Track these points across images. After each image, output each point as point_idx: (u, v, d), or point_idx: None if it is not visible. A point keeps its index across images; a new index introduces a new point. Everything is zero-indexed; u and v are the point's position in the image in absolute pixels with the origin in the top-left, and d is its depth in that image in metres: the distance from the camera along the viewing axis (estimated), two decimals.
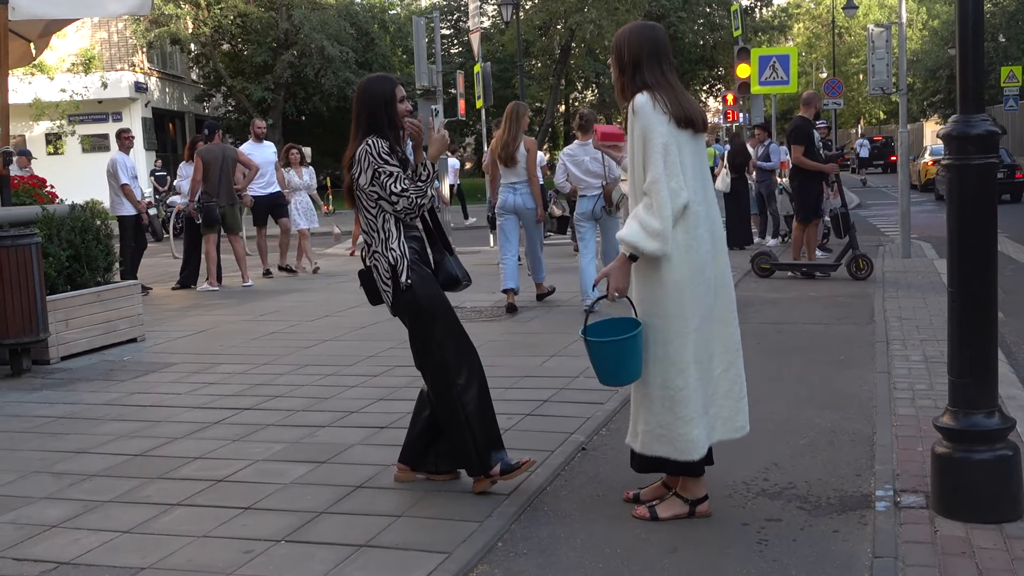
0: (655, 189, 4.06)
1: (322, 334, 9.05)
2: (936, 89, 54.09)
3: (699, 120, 4.22)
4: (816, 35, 71.88)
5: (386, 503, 4.55)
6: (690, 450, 4.17)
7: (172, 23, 34.14)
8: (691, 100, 4.26)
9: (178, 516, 4.48)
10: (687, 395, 4.16)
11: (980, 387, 4.15)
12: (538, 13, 39.41)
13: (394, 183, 4.44)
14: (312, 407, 6.37)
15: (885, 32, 14.77)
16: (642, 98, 4.16)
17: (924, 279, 11.51)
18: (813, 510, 4.36)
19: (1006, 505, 4.11)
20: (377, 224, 4.54)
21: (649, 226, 4.05)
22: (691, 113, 4.18)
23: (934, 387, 6.32)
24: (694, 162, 4.19)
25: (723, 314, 4.34)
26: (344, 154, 4.66)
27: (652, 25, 4.44)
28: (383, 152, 4.47)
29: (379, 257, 4.54)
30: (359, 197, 4.56)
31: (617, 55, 4.33)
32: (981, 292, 4.16)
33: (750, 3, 46.46)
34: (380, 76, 4.78)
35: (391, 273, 4.51)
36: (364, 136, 4.54)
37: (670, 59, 4.33)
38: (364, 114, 4.57)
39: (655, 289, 4.19)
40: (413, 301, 4.54)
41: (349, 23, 38.52)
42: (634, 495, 4.54)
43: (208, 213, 12.77)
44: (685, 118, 4.15)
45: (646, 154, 4.12)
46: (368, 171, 4.46)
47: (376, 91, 4.60)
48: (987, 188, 4.16)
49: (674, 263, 4.13)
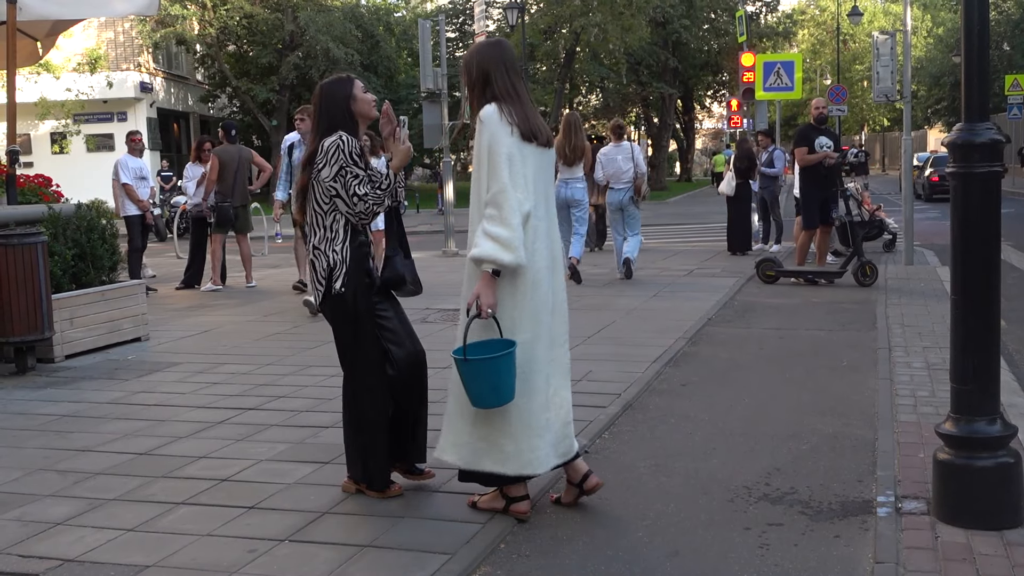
0: (502, 198, 4.10)
1: (325, 335, 9.00)
2: (940, 96, 54.17)
3: (542, 135, 4.31)
4: (821, 41, 71.91)
5: (389, 504, 4.57)
6: (518, 466, 4.25)
7: (178, 24, 34.23)
8: (537, 115, 4.36)
9: (182, 515, 4.50)
10: (508, 409, 4.20)
11: (982, 394, 4.17)
12: (543, 17, 39.44)
13: (358, 185, 4.43)
14: (316, 408, 6.39)
15: (890, 39, 14.80)
16: (489, 108, 4.26)
17: (927, 286, 11.53)
18: (815, 515, 4.38)
19: (1007, 512, 4.13)
20: (326, 221, 4.52)
21: (500, 237, 4.08)
22: (534, 128, 4.26)
23: (936, 394, 6.33)
24: (537, 176, 4.26)
25: (557, 335, 4.38)
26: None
27: (499, 41, 4.56)
28: (354, 152, 4.47)
29: (319, 254, 4.54)
30: (314, 188, 4.53)
31: (466, 72, 4.44)
32: (984, 299, 4.18)
33: (755, 9, 46.49)
34: (338, 78, 4.76)
35: (327, 274, 4.51)
36: (326, 133, 4.52)
37: (518, 73, 4.43)
38: (324, 117, 4.57)
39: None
40: (339, 309, 4.56)
41: (355, 25, 38.56)
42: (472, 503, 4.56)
43: (222, 213, 12.78)
44: (529, 131, 4.23)
45: (491, 164, 4.17)
46: (334, 166, 4.44)
47: (329, 91, 4.61)
48: (991, 196, 4.17)
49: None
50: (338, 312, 4.57)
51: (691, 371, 7.30)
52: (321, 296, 4.57)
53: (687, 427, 5.85)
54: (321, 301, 4.59)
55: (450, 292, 10.77)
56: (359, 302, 4.52)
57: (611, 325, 9.20)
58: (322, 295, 4.56)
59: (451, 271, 14.36)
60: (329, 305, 4.57)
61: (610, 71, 43.29)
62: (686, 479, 4.90)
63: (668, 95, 46.50)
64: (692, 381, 6.99)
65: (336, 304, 4.54)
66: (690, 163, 59.67)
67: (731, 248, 15.97)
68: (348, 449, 4.71)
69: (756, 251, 15.83)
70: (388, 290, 4.69)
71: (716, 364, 7.56)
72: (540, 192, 4.28)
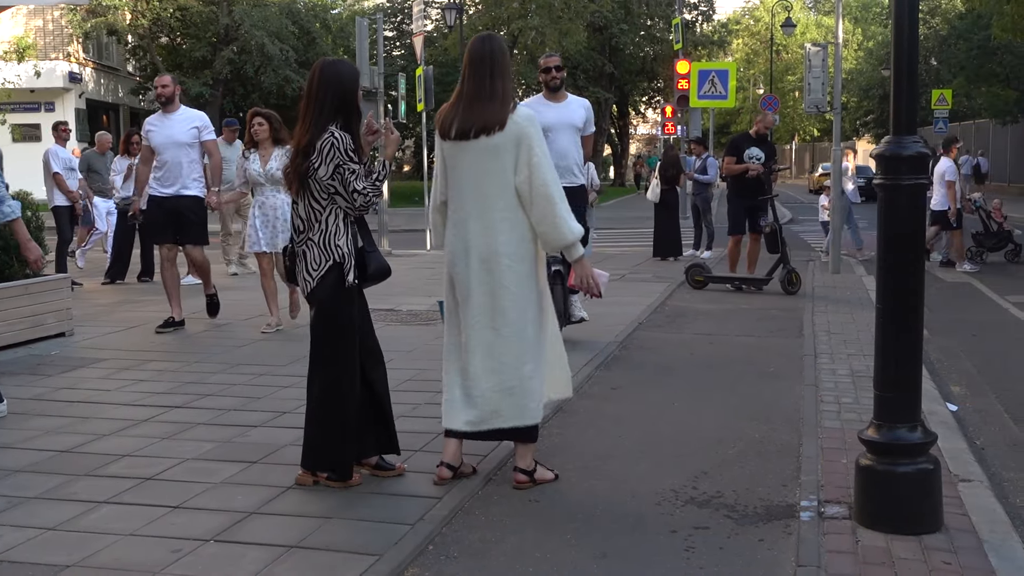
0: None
1: (255, 333, 8.98)
2: (869, 109, 55.20)
3: (443, 128, 4.66)
4: (755, 51, 72.90)
5: (318, 504, 4.54)
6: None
7: (110, 14, 33.64)
8: (455, 109, 4.64)
9: (105, 514, 4.43)
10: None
11: (904, 402, 4.27)
12: (481, 18, 39.51)
13: (356, 180, 4.51)
14: (244, 407, 6.32)
15: (822, 52, 15.03)
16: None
17: (853, 295, 11.74)
18: (740, 519, 4.44)
19: (926, 517, 4.23)
20: (323, 216, 4.58)
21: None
22: (444, 123, 4.67)
23: (859, 400, 6.46)
24: (453, 173, 4.68)
25: (471, 315, 4.68)
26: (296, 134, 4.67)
27: (479, 37, 4.80)
28: (349, 148, 4.51)
29: (312, 246, 4.59)
30: (311, 185, 4.57)
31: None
32: (908, 309, 4.27)
33: (691, 18, 46.99)
34: (344, 61, 4.80)
35: (326, 268, 4.57)
36: (328, 121, 4.53)
37: (472, 69, 4.65)
38: (333, 98, 4.56)
39: None
40: (345, 300, 4.63)
41: (291, 21, 38.22)
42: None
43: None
44: (441, 128, 4.69)
45: None
46: (330, 164, 4.48)
47: (347, 76, 4.62)
48: (917, 208, 4.28)
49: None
50: (343, 303, 4.64)
51: (622, 375, 7.36)
52: (312, 287, 4.61)
53: (617, 430, 5.89)
54: (313, 292, 4.63)
55: (385, 293, 10.74)
56: (356, 294, 4.69)
57: None
58: (313, 286, 4.61)
59: None
60: (335, 295, 4.61)
61: None
62: (615, 482, 4.94)
63: (604, 100, 46.81)
64: (622, 385, 7.04)
65: (345, 295, 4.63)
66: (624, 168, 60.12)
67: (656, 254, 16.24)
68: (313, 440, 4.71)
69: (687, 257, 16.00)
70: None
71: (646, 368, 7.62)
72: (456, 186, 4.67)
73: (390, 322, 9.45)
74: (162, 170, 8.96)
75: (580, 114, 7.85)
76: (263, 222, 8.90)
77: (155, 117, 9.15)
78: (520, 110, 4.61)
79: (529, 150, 4.53)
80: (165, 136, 8.92)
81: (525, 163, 4.53)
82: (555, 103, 7.83)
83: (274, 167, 8.58)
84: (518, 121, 4.55)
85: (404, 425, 5.64)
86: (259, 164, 8.77)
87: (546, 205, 4.53)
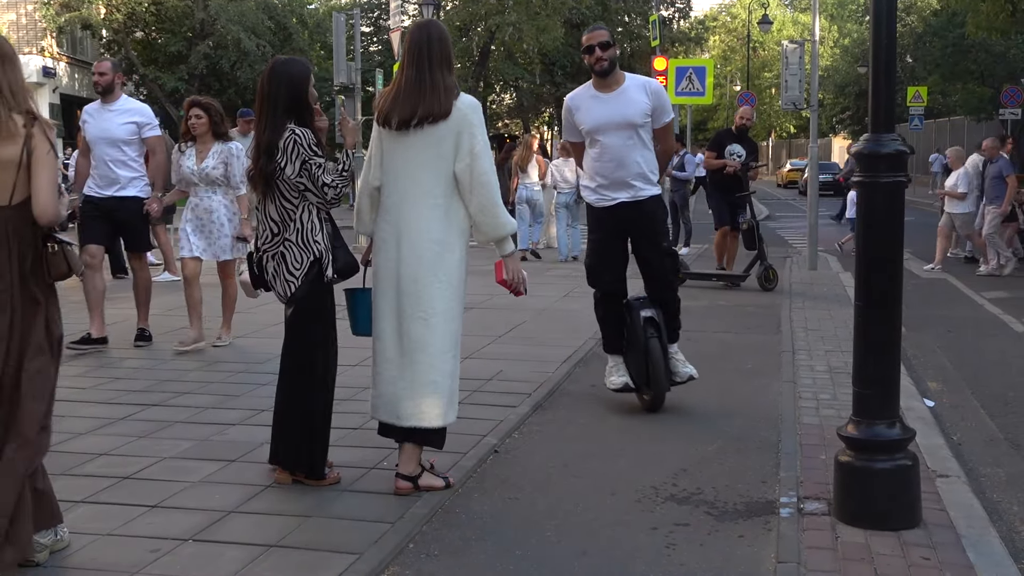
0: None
1: (233, 331, 8.92)
2: (845, 106, 55.43)
3: (382, 117, 4.58)
4: (731, 48, 73.17)
5: (297, 503, 4.52)
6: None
7: (84, 8, 33.32)
8: (395, 98, 4.55)
9: (82, 514, 4.38)
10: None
11: (882, 398, 4.28)
12: (458, 14, 39.35)
13: (324, 174, 4.50)
14: (222, 404, 6.28)
15: (799, 49, 15.11)
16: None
17: (830, 291, 11.80)
18: (720, 515, 4.45)
19: (904, 513, 4.25)
20: (296, 214, 4.56)
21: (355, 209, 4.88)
22: (383, 111, 4.58)
23: (838, 397, 6.48)
24: (389, 158, 4.60)
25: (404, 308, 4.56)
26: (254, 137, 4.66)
27: (421, 23, 4.82)
28: (312, 143, 4.52)
29: (291, 246, 4.57)
30: (279, 186, 4.55)
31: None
32: (886, 305, 4.29)
33: (668, 14, 47.04)
34: (295, 59, 4.82)
35: (308, 265, 4.55)
36: (284, 119, 4.53)
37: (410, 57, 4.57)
38: (286, 97, 4.55)
39: None
40: (326, 295, 4.66)
41: (267, 16, 37.97)
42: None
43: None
44: (380, 116, 4.60)
45: None
46: (296, 162, 4.48)
47: (297, 74, 4.62)
48: (895, 205, 4.29)
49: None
50: (324, 299, 4.66)
51: (601, 372, 7.35)
52: (297, 287, 4.58)
53: (596, 427, 5.90)
54: (295, 292, 4.59)
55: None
56: (329, 291, 4.69)
57: (522, 325, 9.23)
58: (297, 286, 4.58)
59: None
60: (315, 292, 4.61)
61: (524, 71, 43.44)
62: (595, 479, 4.94)
63: None
64: (602, 382, 7.04)
65: (325, 291, 4.64)
66: None
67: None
68: (290, 438, 4.69)
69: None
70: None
71: None
72: (392, 172, 4.59)
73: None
74: (96, 168, 8.08)
75: (638, 105, 6.11)
76: (195, 227, 7.86)
77: (93, 107, 8.29)
78: (463, 97, 4.53)
79: (471, 137, 4.47)
80: (99, 129, 8.05)
81: (467, 151, 4.46)
82: (605, 93, 6.18)
83: (210, 165, 7.67)
84: (461, 108, 4.49)
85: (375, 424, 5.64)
86: (194, 160, 7.73)
87: (485, 193, 4.49)
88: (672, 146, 6.62)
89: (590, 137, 6.23)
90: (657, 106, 6.17)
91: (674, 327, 6.46)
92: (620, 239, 6.37)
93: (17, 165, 3.64)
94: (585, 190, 6.43)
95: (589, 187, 6.32)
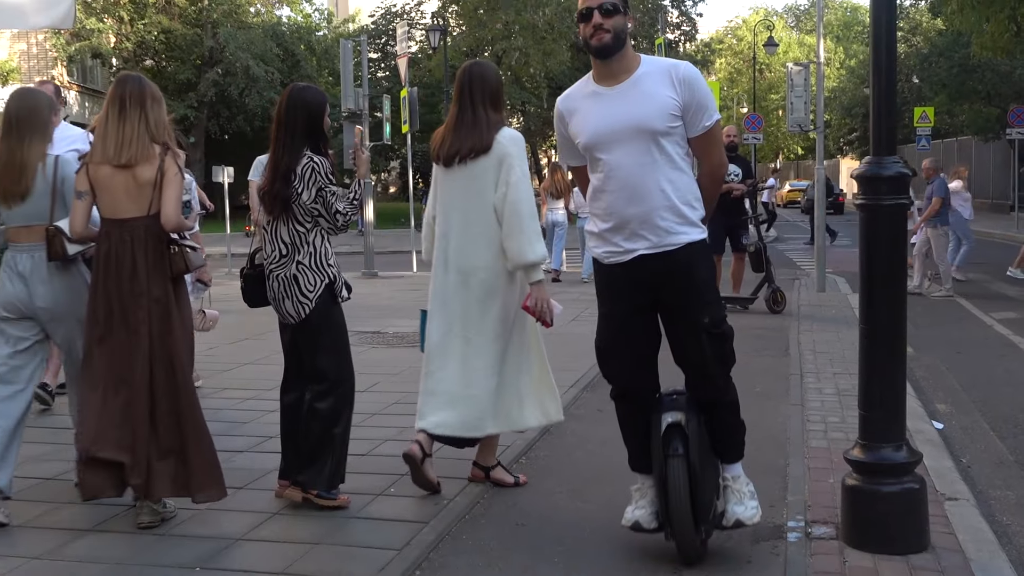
0: None
1: (241, 357, 8.96)
2: (852, 127, 55.44)
3: (435, 153, 4.97)
4: (738, 70, 73.38)
5: (304, 530, 4.52)
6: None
7: (94, 37, 33.60)
8: (444, 135, 4.91)
9: (90, 542, 4.39)
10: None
11: (888, 421, 4.28)
12: (465, 39, 39.59)
13: (338, 202, 4.66)
14: (230, 432, 6.29)
15: (804, 71, 15.13)
16: None
17: (838, 313, 11.77)
18: (727, 540, 4.43)
19: (912, 537, 4.23)
20: (308, 238, 4.70)
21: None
22: (436, 149, 4.96)
23: (846, 420, 6.46)
24: (442, 191, 4.96)
25: (451, 324, 4.92)
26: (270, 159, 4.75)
27: (467, 64, 5.08)
28: (328, 172, 4.67)
29: (304, 269, 4.69)
30: (294, 210, 4.65)
31: None
32: (891, 328, 4.30)
33: (675, 37, 47.21)
34: (312, 87, 4.97)
35: (323, 288, 4.69)
36: (301, 146, 4.66)
37: (456, 96, 4.94)
38: (303, 124, 4.69)
39: None
40: (340, 315, 4.84)
41: (275, 43, 38.29)
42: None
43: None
44: (433, 152, 4.99)
45: None
46: (312, 188, 4.62)
47: (313, 102, 4.76)
48: (897, 227, 4.30)
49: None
50: (340, 316, 4.86)
51: (607, 397, 7.33)
52: (310, 308, 4.70)
53: (605, 452, 5.88)
54: (310, 315, 4.72)
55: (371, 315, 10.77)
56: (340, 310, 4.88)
57: None
58: (311, 308, 4.70)
59: (372, 292, 14.31)
60: (332, 310, 4.78)
61: (531, 95, 43.57)
62: (603, 505, 4.93)
63: None
64: (609, 407, 6.99)
65: (339, 313, 4.84)
66: None
67: None
68: (311, 456, 4.73)
69: None
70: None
71: None
72: (445, 204, 4.95)
73: (376, 344, 9.43)
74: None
75: (660, 102, 3.96)
76: None
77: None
78: (504, 131, 4.82)
79: (509, 168, 4.77)
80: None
81: (504, 181, 4.76)
82: (610, 87, 4.05)
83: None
84: (501, 141, 4.80)
85: (389, 448, 5.65)
86: None
87: (514, 220, 4.73)
88: (723, 164, 4.27)
89: (589, 155, 4.14)
90: (690, 102, 3.98)
91: (730, 441, 4.40)
92: (642, 313, 4.24)
93: (153, 184, 4.46)
94: (589, 237, 4.28)
95: (592, 232, 4.23)
